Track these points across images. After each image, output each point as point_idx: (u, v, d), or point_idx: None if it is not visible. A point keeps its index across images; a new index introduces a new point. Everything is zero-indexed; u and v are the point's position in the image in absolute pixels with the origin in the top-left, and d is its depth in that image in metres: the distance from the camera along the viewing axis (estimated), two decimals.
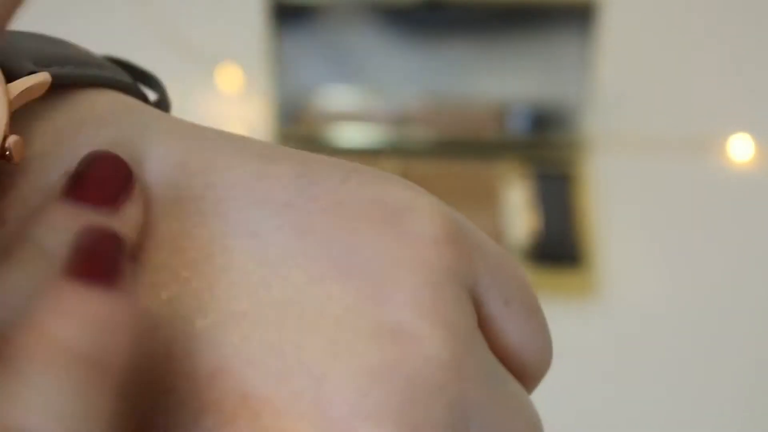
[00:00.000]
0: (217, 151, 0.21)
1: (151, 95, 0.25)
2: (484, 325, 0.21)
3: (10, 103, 0.21)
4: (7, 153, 0.20)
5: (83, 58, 0.23)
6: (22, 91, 0.21)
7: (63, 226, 0.19)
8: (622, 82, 0.88)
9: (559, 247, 0.76)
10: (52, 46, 0.23)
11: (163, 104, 0.25)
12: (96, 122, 0.22)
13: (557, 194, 0.79)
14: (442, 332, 0.19)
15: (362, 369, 0.19)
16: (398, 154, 0.81)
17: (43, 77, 0.21)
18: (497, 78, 0.82)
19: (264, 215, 0.20)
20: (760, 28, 0.94)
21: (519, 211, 0.78)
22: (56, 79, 0.21)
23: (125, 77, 0.24)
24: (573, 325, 0.73)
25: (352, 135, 0.82)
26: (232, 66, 0.89)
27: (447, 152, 0.82)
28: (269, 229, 0.20)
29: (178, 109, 0.25)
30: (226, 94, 0.88)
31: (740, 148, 0.83)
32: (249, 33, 0.84)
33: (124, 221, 0.20)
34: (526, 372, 0.22)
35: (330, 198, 0.21)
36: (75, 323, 0.17)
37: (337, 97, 0.83)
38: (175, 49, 0.91)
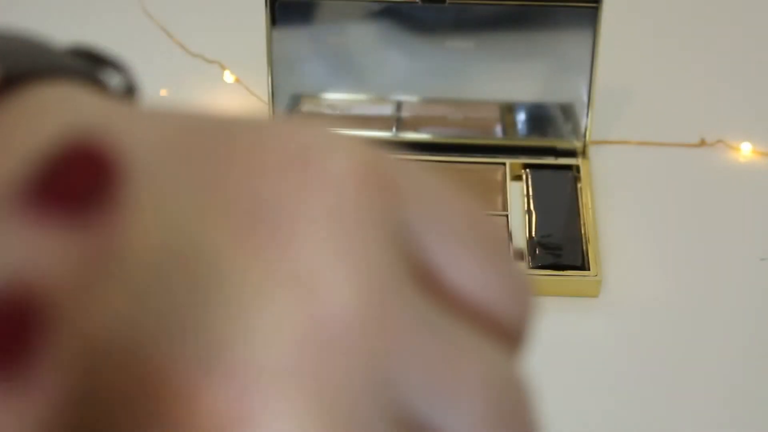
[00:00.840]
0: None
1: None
2: (432, 273, 0.19)
3: None
4: None
5: (29, 49, 0.21)
6: None
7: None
8: (624, 83, 0.87)
9: (561, 247, 0.76)
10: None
11: (131, 88, 0.23)
12: (40, 114, 0.19)
13: (559, 194, 0.79)
14: (354, 278, 0.17)
15: (269, 325, 0.17)
16: (398, 154, 0.80)
17: None
18: (498, 77, 0.82)
19: (169, 172, 0.18)
20: (762, 33, 0.94)
21: (520, 211, 0.78)
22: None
23: (79, 66, 0.21)
24: (577, 324, 0.73)
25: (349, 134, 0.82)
26: (228, 65, 0.89)
27: (447, 153, 0.82)
28: (172, 183, 0.18)
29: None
30: (223, 93, 0.88)
31: (740, 149, 0.83)
32: (246, 31, 0.84)
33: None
34: (498, 324, 0.20)
35: (238, 146, 0.18)
36: None
37: (335, 96, 0.83)
38: (171, 47, 0.91)
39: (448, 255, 0.19)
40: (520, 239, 0.76)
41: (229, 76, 0.88)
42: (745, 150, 0.83)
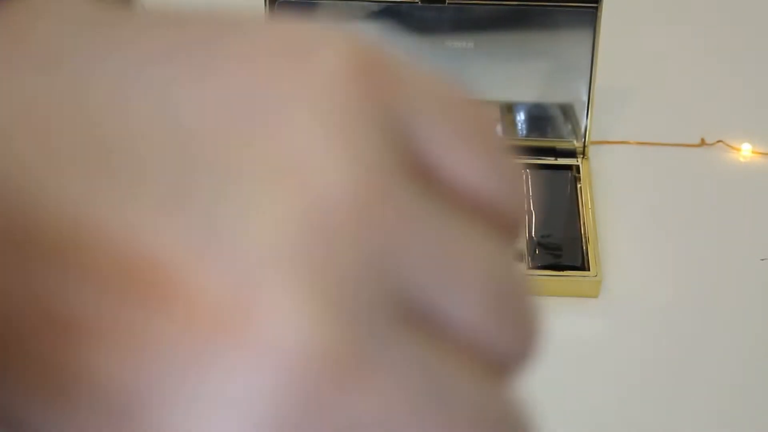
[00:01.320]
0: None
1: None
2: (428, 165, 0.19)
3: None
4: None
5: None
6: None
7: None
8: (624, 83, 0.87)
9: (561, 247, 0.76)
10: None
11: None
12: None
13: (559, 195, 0.79)
14: (349, 163, 0.17)
15: (266, 212, 0.17)
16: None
17: None
18: (498, 77, 0.82)
19: (161, 72, 0.18)
20: (762, 33, 0.93)
21: None
22: None
23: None
24: (577, 324, 0.73)
25: None
26: None
27: None
28: (165, 83, 0.18)
29: None
30: None
31: (740, 149, 0.83)
32: None
33: None
34: (495, 215, 0.20)
35: (230, 41, 0.18)
36: None
37: None
38: None
39: (445, 147, 0.19)
40: (520, 239, 0.76)
41: None
42: (745, 150, 0.83)
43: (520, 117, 0.83)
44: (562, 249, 0.75)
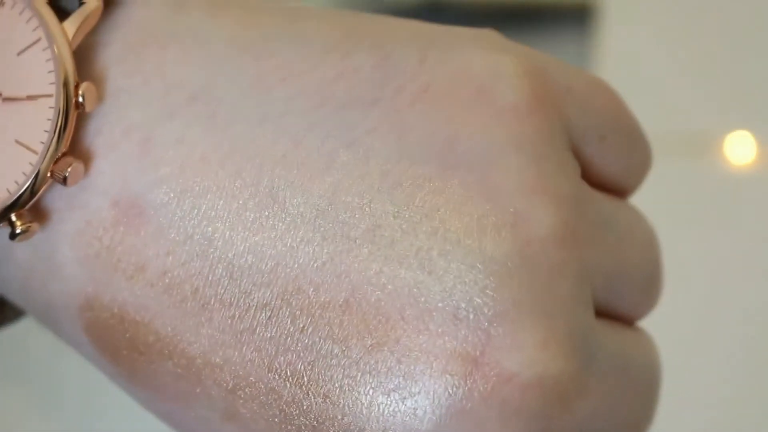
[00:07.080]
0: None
1: None
2: (585, 165, 0.21)
3: (70, 44, 0.19)
4: (81, 102, 0.19)
5: None
6: (80, 26, 0.20)
7: None
8: (623, 83, 0.87)
9: None
10: None
11: None
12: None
13: None
14: (551, 208, 0.19)
15: (482, 264, 0.18)
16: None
17: (95, 3, 0.20)
18: None
19: (354, 119, 0.19)
20: (761, 24, 0.94)
21: None
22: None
23: None
24: None
25: None
26: None
27: None
28: (362, 133, 0.19)
29: None
30: None
31: (739, 147, 0.83)
32: None
33: None
34: (629, 187, 0.23)
35: (414, 86, 0.19)
36: None
37: None
38: None
39: (599, 146, 0.21)
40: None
41: None
42: (746, 149, 0.83)
43: None
44: None
